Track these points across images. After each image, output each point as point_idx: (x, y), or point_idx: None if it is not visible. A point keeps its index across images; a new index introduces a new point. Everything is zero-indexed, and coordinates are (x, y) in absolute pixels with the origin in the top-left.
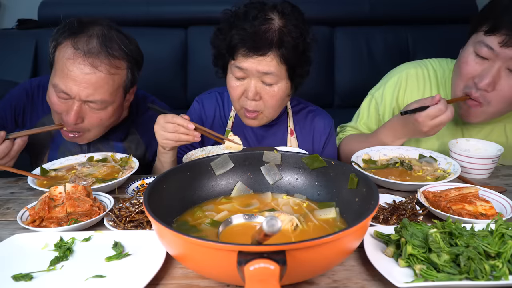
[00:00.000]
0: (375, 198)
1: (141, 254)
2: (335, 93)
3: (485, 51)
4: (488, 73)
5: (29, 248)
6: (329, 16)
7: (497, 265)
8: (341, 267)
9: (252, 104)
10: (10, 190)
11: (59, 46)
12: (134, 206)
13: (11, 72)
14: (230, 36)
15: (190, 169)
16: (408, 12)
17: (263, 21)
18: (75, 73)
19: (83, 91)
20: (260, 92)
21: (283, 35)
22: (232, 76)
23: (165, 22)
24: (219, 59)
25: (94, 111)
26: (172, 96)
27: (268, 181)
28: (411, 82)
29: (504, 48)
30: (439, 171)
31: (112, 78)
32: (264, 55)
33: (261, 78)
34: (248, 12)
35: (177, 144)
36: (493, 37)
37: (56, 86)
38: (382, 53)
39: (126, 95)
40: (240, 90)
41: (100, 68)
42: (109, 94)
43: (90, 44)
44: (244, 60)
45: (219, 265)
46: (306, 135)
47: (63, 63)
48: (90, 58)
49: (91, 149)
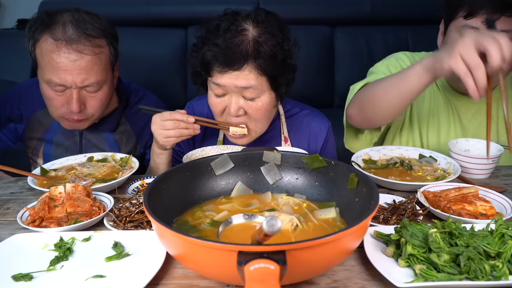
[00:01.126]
0: (375, 198)
1: (141, 254)
2: (335, 93)
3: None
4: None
5: (29, 248)
6: (329, 16)
7: (497, 265)
8: (341, 267)
9: (238, 120)
10: (10, 190)
11: (38, 43)
12: (134, 206)
13: (11, 72)
14: (202, 53)
15: (190, 169)
16: (408, 12)
17: (235, 33)
18: (64, 63)
19: (77, 77)
20: (243, 107)
21: (258, 45)
22: (211, 93)
23: (165, 22)
24: (197, 77)
25: (92, 94)
26: (172, 96)
27: (268, 181)
28: (403, 63)
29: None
30: (439, 171)
31: (99, 57)
32: (240, 69)
33: (241, 93)
34: (220, 25)
35: (179, 140)
36: (474, 19)
37: (49, 81)
38: (382, 53)
39: (113, 71)
40: (221, 106)
41: (85, 52)
42: (101, 73)
43: (68, 31)
44: (221, 77)
45: (219, 265)
46: (302, 141)
47: (49, 57)
48: (73, 45)
49: (83, 141)
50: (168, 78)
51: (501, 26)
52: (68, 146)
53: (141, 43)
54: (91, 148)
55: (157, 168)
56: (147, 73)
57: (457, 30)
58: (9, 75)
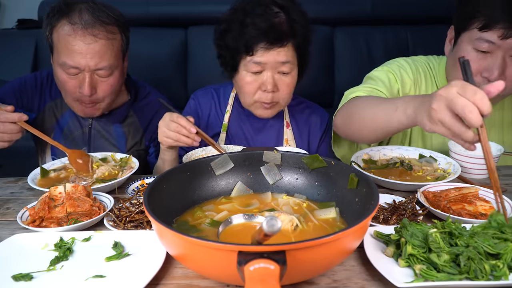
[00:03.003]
0: (375, 198)
1: (141, 254)
2: (335, 93)
3: (486, 46)
4: (495, 65)
5: (29, 248)
6: (329, 16)
7: (498, 265)
8: (341, 267)
9: (269, 96)
10: (10, 190)
11: (55, 28)
12: (134, 206)
13: (11, 72)
14: (245, 33)
15: (190, 169)
16: (408, 12)
17: (273, 15)
18: (79, 46)
19: (91, 60)
20: (277, 83)
21: (294, 25)
22: (246, 73)
23: (165, 22)
24: (229, 59)
25: (103, 79)
26: (172, 96)
27: (268, 181)
28: (404, 71)
29: (505, 40)
30: (439, 171)
31: (112, 43)
32: (283, 45)
33: (278, 69)
34: (253, 8)
35: (175, 144)
36: (490, 32)
37: (64, 64)
38: (382, 53)
39: (124, 60)
40: (256, 84)
41: (100, 36)
42: (113, 58)
43: (84, 17)
44: (264, 54)
45: (219, 265)
46: (302, 129)
47: (65, 41)
48: (89, 29)
49: (92, 132)
50: (168, 78)
51: None
52: (77, 137)
53: (141, 43)
54: (99, 139)
55: (163, 164)
56: (147, 73)
57: (470, 42)
58: (9, 75)
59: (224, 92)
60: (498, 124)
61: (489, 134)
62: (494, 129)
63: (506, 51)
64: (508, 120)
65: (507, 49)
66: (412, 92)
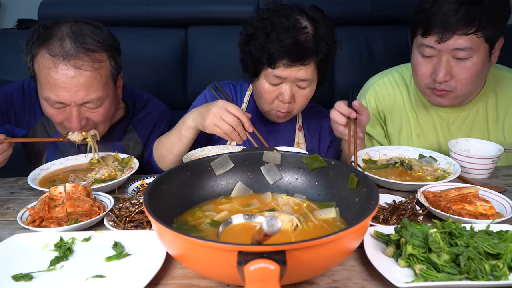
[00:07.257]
0: (375, 198)
1: (141, 254)
2: (335, 93)
3: (428, 51)
4: (440, 67)
5: (29, 248)
6: (329, 16)
7: (498, 265)
8: (341, 267)
9: (285, 107)
10: (10, 190)
11: (35, 58)
12: (134, 206)
13: (11, 72)
14: (269, 47)
15: (190, 169)
16: (408, 12)
17: (300, 30)
18: (61, 80)
19: (76, 95)
20: (294, 95)
21: (319, 42)
22: (266, 82)
23: (165, 22)
24: (251, 65)
25: (92, 110)
26: (172, 96)
27: (268, 181)
28: (380, 91)
29: (442, 44)
30: (439, 171)
31: (98, 72)
32: (306, 64)
33: (296, 83)
34: (281, 21)
35: (222, 135)
36: (429, 38)
37: (48, 99)
38: (382, 53)
39: (116, 83)
40: (275, 94)
41: (84, 67)
42: (101, 89)
43: (65, 46)
44: (285, 70)
45: (219, 265)
46: (313, 133)
47: (46, 74)
48: (71, 61)
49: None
50: (168, 78)
51: (454, 44)
52: (73, 154)
53: (141, 43)
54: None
55: (176, 139)
56: (147, 73)
57: (417, 48)
58: (9, 75)
59: (241, 90)
60: (482, 121)
61: (474, 132)
62: (479, 126)
63: (447, 54)
64: (493, 117)
65: (448, 51)
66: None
